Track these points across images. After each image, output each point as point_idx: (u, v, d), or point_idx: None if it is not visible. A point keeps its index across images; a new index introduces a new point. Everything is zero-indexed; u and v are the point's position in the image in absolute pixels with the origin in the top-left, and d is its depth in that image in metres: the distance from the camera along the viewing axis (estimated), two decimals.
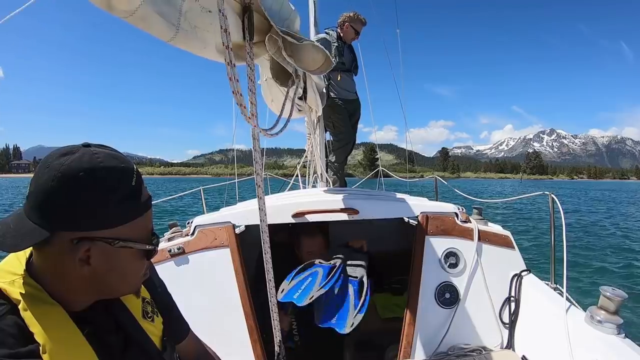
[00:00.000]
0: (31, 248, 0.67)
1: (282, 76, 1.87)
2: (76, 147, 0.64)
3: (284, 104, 1.88)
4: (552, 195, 2.02)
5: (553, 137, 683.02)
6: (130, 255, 0.69)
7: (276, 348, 1.70)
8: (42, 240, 0.60)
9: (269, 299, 1.64)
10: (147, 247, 0.71)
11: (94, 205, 0.61)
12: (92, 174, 0.60)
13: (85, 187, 0.60)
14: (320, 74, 1.72)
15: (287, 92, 1.98)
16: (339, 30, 3.81)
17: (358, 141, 4.26)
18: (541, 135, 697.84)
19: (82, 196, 0.60)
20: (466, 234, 2.08)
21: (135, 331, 0.78)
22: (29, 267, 0.67)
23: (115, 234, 0.65)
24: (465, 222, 2.12)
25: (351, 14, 3.79)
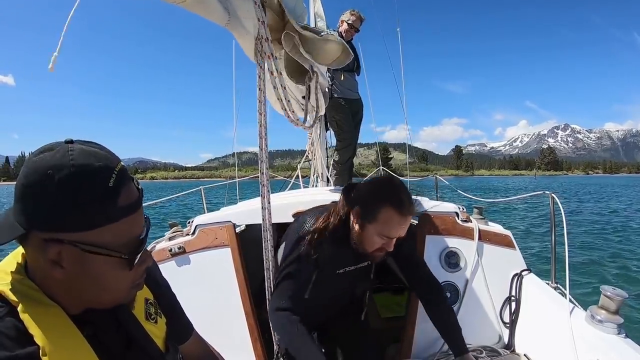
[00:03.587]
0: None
1: (296, 74, 1.88)
2: (57, 144, 0.60)
3: (308, 99, 1.89)
4: (553, 194, 2.00)
5: (567, 132, 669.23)
6: (105, 263, 0.63)
7: (275, 347, 1.72)
8: (20, 237, 0.60)
9: (268, 297, 1.65)
10: (122, 256, 0.64)
11: (59, 205, 0.57)
12: (60, 173, 0.56)
13: (50, 186, 0.56)
14: (338, 66, 1.72)
15: (309, 88, 1.99)
16: (340, 30, 3.82)
17: (370, 141, 4.28)
18: (555, 130, 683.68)
19: (47, 195, 0.56)
20: (467, 234, 2.07)
21: (137, 333, 0.77)
22: (27, 269, 0.66)
23: (86, 238, 0.60)
24: (465, 221, 2.11)
25: (347, 12, 3.84)
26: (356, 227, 1.43)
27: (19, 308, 0.61)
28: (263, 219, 1.53)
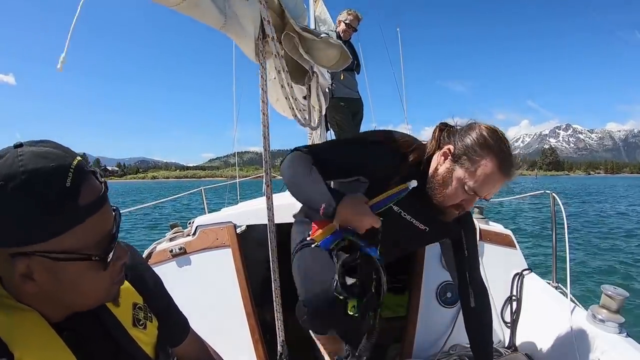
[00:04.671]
0: None
1: (297, 74, 1.88)
2: (5, 150, 0.56)
3: (309, 99, 1.88)
4: (553, 194, 2.00)
5: (569, 132, 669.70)
6: (78, 268, 0.59)
7: (279, 348, 1.71)
8: None
9: (274, 298, 1.65)
10: (94, 258, 0.59)
11: (17, 217, 0.52)
12: (12, 182, 0.51)
13: (3, 198, 0.51)
14: (336, 69, 1.72)
15: (309, 88, 1.99)
16: (337, 31, 3.83)
17: None
18: (557, 130, 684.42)
19: (1, 209, 0.52)
20: None
21: (124, 341, 0.74)
22: (1, 279, 0.62)
23: (52, 246, 0.55)
24: None
25: (344, 12, 3.86)
26: (442, 168, 1.18)
27: None
28: (268, 220, 1.53)
